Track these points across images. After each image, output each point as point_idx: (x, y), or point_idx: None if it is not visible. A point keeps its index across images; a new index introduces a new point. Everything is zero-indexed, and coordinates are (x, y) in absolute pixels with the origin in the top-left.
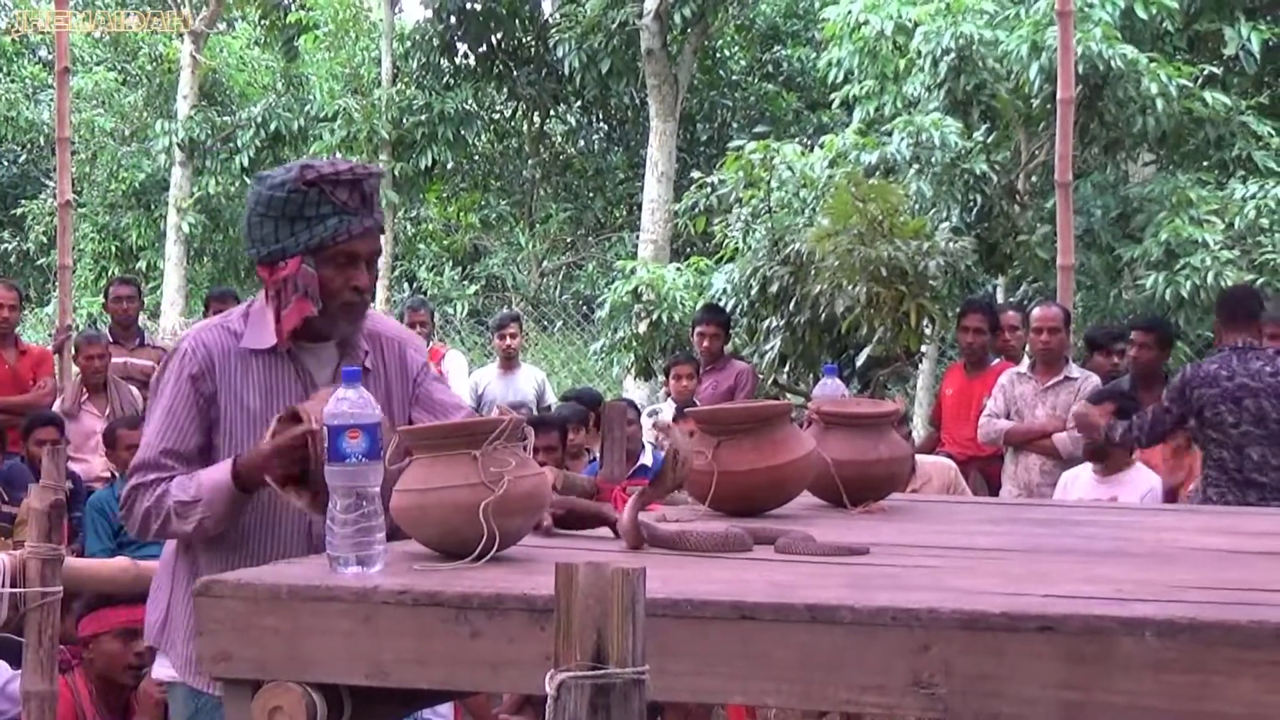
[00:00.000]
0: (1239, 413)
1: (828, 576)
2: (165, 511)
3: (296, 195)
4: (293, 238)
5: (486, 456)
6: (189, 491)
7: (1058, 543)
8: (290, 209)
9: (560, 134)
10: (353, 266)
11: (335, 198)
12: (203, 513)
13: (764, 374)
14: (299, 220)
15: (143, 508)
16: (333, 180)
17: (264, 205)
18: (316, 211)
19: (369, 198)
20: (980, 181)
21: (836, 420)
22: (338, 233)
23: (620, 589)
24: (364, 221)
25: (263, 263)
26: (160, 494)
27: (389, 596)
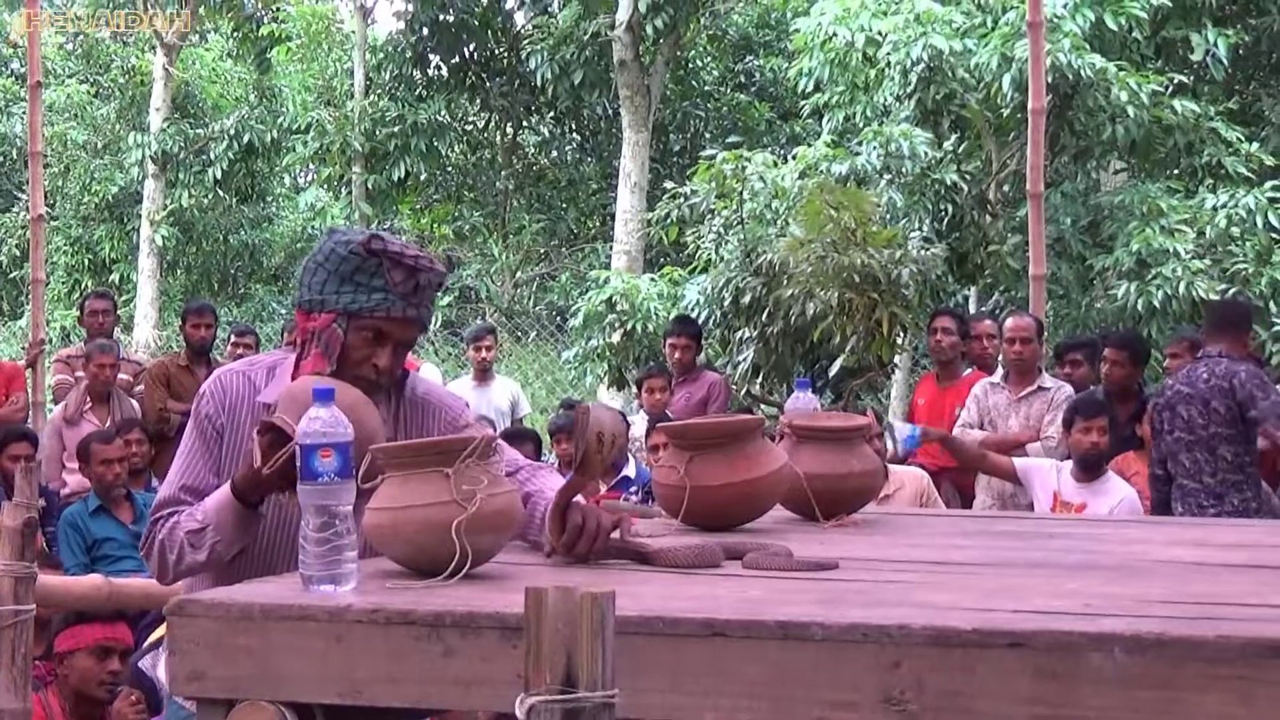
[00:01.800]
0: (1173, 419)
1: (799, 592)
2: (179, 543)
3: (354, 258)
4: (335, 294)
5: (459, 474)
6: (196, 519)
7: (1029, 556)
8: (345, 268)
9: (533, 145)
10: (379, 344)
11: (390, 275)
12: (213, 537)
13: (737, 385)
14: (348, 282)
15: (158, 542)
16: (395, 258)
17: (324, 255)
18: (368, 281)
19: (422, 290)
20: (951, 191)
21: (809, 434)
22: (377, 307)
23: (589, 612)
24: (406, 309)
25: (302, 308)
26: (172, 525)
27: (362, 615)
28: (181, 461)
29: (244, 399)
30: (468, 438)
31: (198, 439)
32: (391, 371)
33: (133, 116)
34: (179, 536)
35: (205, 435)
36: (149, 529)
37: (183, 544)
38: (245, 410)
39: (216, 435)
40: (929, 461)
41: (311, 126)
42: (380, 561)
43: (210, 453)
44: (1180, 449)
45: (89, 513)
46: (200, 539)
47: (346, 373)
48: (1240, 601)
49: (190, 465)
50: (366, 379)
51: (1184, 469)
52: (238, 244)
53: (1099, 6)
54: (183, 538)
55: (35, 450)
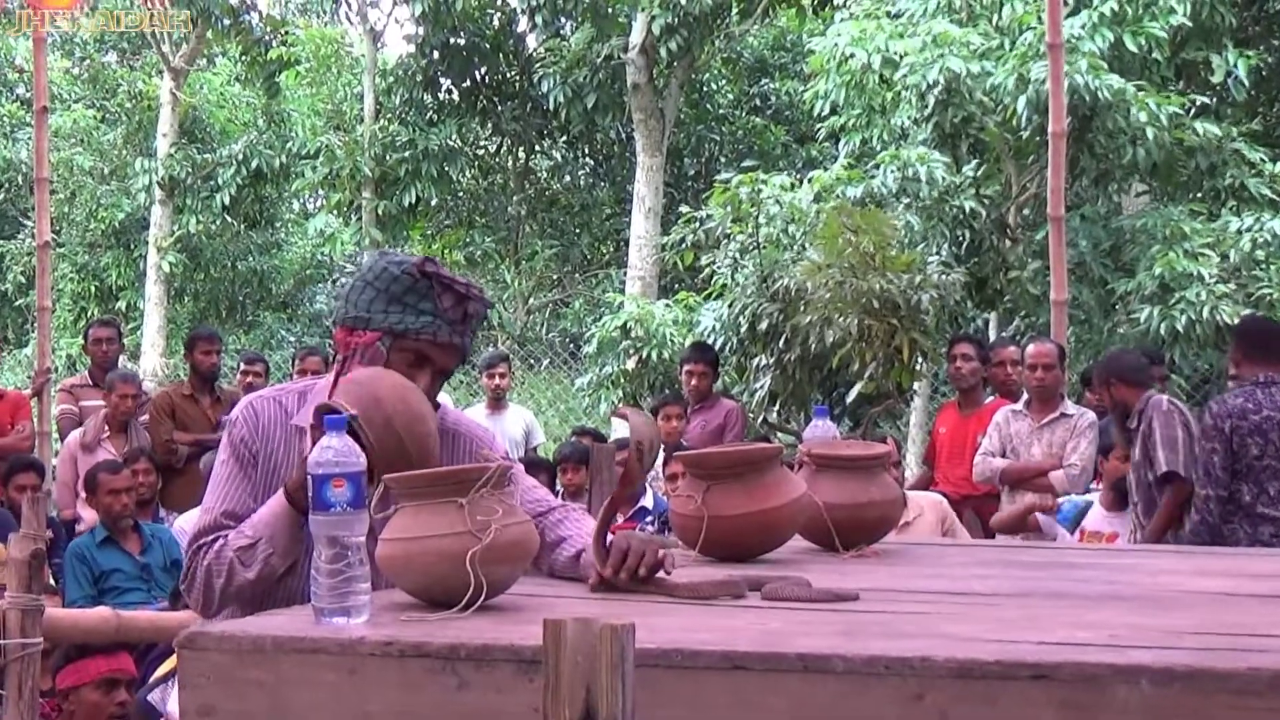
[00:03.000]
0: (1264, 445)
1: (819, 624)
2: (227, 564)
3: (406, 278)
4: (383, 313)
5: (473, 504)
6: (245, 535)
7: (1052, 587)
8: (395, 288)
9: (545, 170)
10: (420, 368)
11: (440, 300)
12: (265, 550)
13: (754, 413)
14: (396, 302)
15: (204, 567)
16: (446, 283)
17: (374, 274)
18: (416, 302)
19: (469, 318)
20: (970, 216)
21: (828, 463)
22: (424, 330)
23: (609, 645)
24: (452, 335)
25: (344, 324)
26: (219, 548)
27: (374, 648)
28: (219, 489)
29: (277, 423)
30: (482, 466)
31: (234, 463)
32: (431, 397)
33: (140, 142)
34: (227, 556)
35: (241, 459)
36: (189, 559)
37: (232, 563)
38: (279, 435)
39: (252, 459)
40: (951, 490)
41: (321, 151)
42: (393, 593)
43: (248, 476)
44: (1269, 477)
45: (96, 544)
46: (251, 555)
47: None
48: (1271, 633)
49: (229, 491)
50: None
51: (1269, 497)
52: (246, 270)
53: (1118, 27)
54: (231, 557)
55: (42, 480)
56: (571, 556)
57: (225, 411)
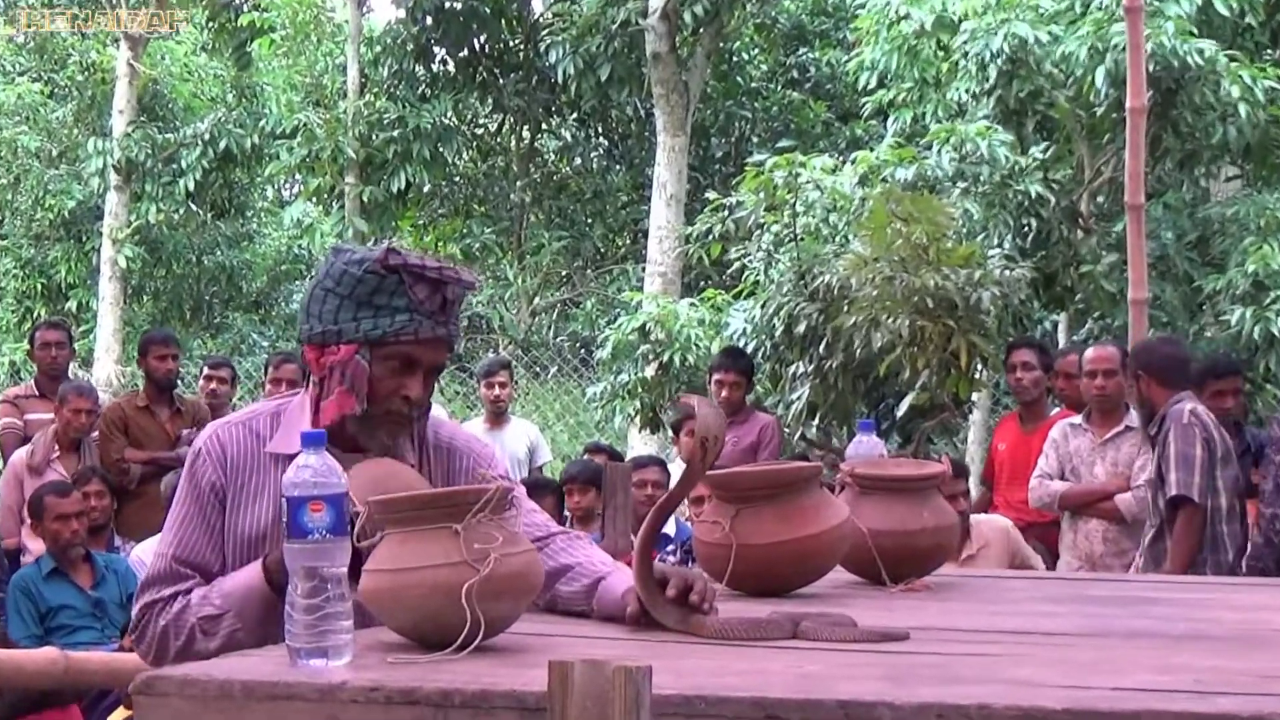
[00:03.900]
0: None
1: (863, 667)
2: (188, 629)
3: (371, 278)
4: (354, 322)
5: (470, 531)
6: (213, 603)
7: (1128, 625)
8: (361, 291)
9: (553, 151)
10: (409, 372)
11: (413, 292)
12: (231, 625)
13: (790, 427)
14: (366, 306)
15: (159, 627)
16: (416, 273)
17: (333, 279)
18: (388, 301)
19: (449, 305)
20: (1036, 203)
21: (874, 484)
22: (403, 330)
23: (622, 690)
24: (435, 328)
25: (312, 342)
26: (180, 610)
27: (358, 693)
28: (174, 530)
29: (248, 453)
30: (479, 488)
31: (192, 505)
32: (424, 403)
33: (93, 120)
34: (188, 622)
35: (202, 502)
36: (141, 611)
37: (193, 630)
38: (251, 467)
39: (217, 504)
40: (1013, 515)
41: (298, 131)
42: (379, 632)
43: (207, 522)
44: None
45: (42, 576)
46: (215, 626)
47: (376, 409)
48: None
49: (184, 536)
50: (398, 414)
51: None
52: (213, 266)
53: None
54: (193, 624)
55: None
56: (585, 587)
57: (186, 425)
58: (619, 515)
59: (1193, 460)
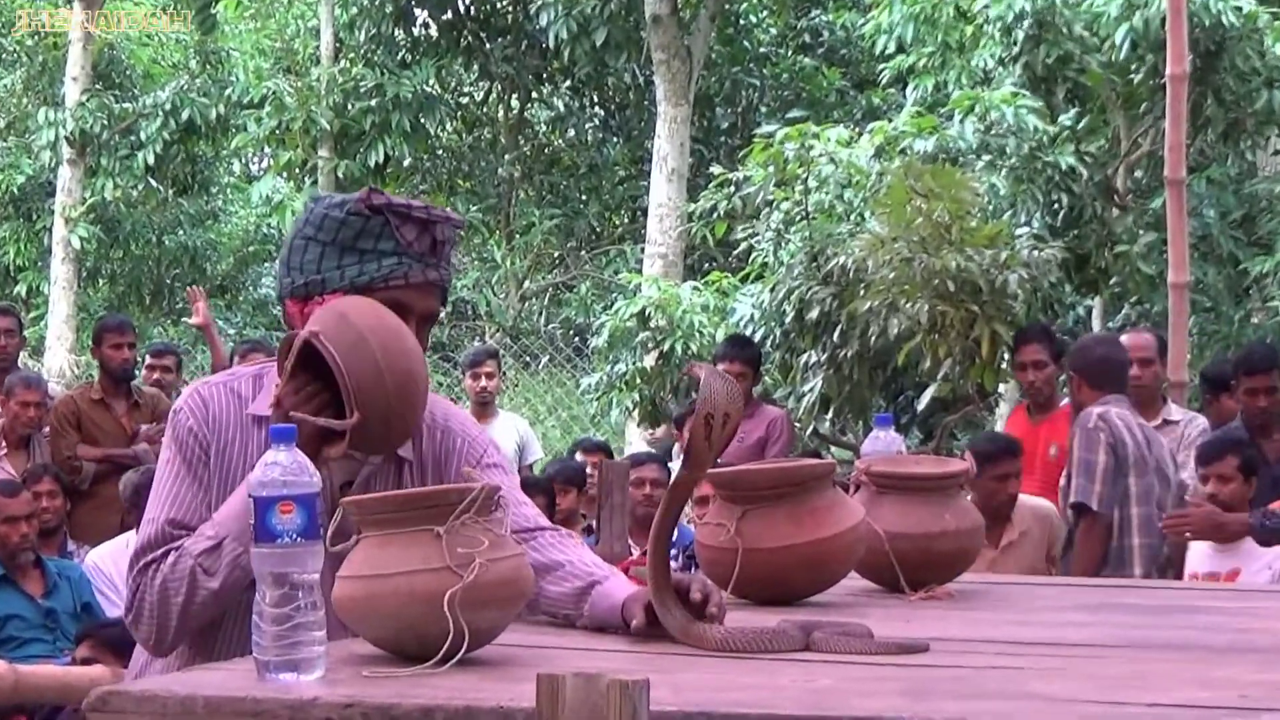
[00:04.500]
0: None
1: (879, 681)
2: (187, 574)
3: (355, 220)
4: (338, 270)
5: (453, 534)
6: (207, 535)
7: (1167, 636)
8: (344, 235)
9: (545, 122)
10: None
11: (400, 234)
12: (233, 549)
13: (801, 422)
14: (350, 251)
15: (156, 589)
16: (402, 213)
17: (314, 226)
18: (374, 245)
19: (439, 247)
20: (1067, 178)
21: (892, 483)
22: (392, 274)
23: (618, 706)
24: (427, 272)
25: (295, 296)
26: (176, 559)
27: (332, 710)
28: (163, 492)
29: (230, 412)
30: (463, 487)
31: (179, 462)
32: None
33: (44, 88)
34: (186, 566)
35: (189, 456)
36: (135, 580)
37: (193, 572)
38: (234, 427)
39: (202, 455)
40: None
41: (267, 100)
42: (354, 643)
43: (197, 478)
44: None
45: None
46: (215, 558)
47: None
48: None
49: (176, 494)
50: None
51: None
52: (174, 247)
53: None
54: (191, 565)
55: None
56: (576, 590)
57: (145, 420)
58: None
59: (1094, 467)
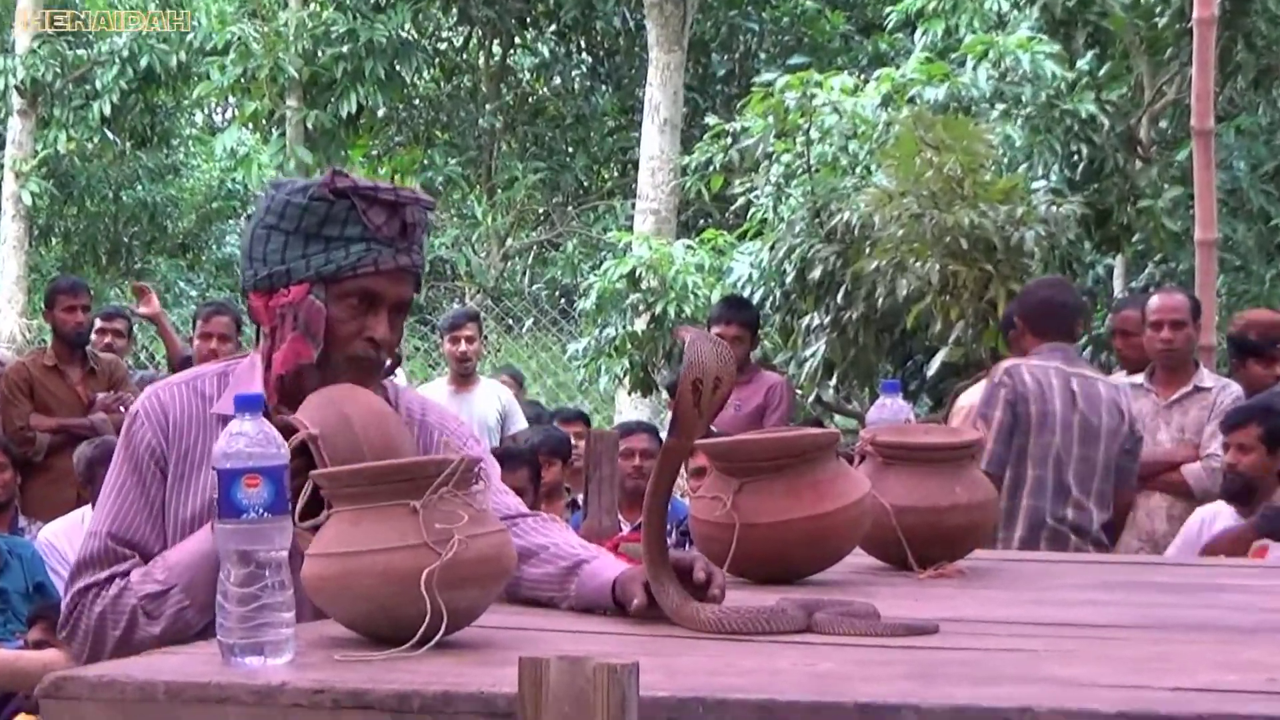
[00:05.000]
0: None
1: (886, 664)
2: (127, 613)
3: (319, 205)
4: (303, 259)
5: (430, 509)
6: (156, 579)
7: (1192, 616)
8: (308, 222)
9: (528, 69)
10: (371, 311)
11: (368, 219)
12: (178, 602)
13: (803, 389)
14: (316, 239)
15: (95, 615)
16: (368, 196)
17: (275, 214)
18: (340, 231)
19: (410, 230)
20: (1087, 128)
21: (899, 454)
22: (361, 262)
23: (605, 691)
24: (398, 257)
25: (258, 289)
26: (118, 593)
27: (301, 696)
28: (109, 506)
29: (192, 416)
30: (441, 459)
31: (129, 475)
32: (392, 344)
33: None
34: (128, 605)
35: (141, 470)
36: (72, 602)
37: (134, 613)
38: (196, 430)
39: (157, 472)
40: None
41: (231, 46)
42: (325, 625)
43: (147, 494)
44: None
45: None
46: (160, 605)
47: (336, 355)
48: None
49: (120, 510)
50: (363, 359)
51: None
52: (133, 203)
53: None
54: (134, 605)
55: None
56: (561, 570)
57: (101, 387)
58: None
59: (989, 423)
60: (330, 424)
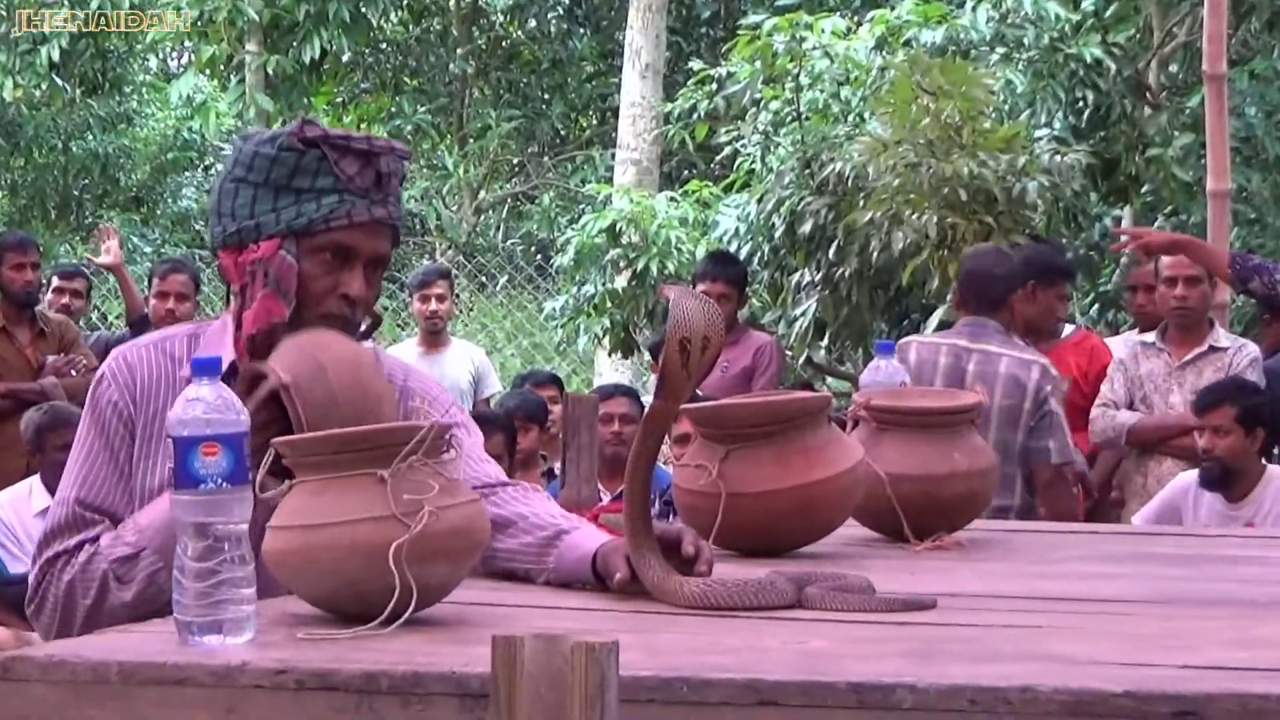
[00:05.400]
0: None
1: (880, 642)
2: (98, 579)
3: (288, 156)
4: (273, 213)
5: (399, 478)
6: (126, 541)
7: (1204, 590)
8: (278, 174)
9: (501, 11)
10: (346, 266)
11: (340, 169)
12: (150, 564)
13: (793, 350)
14: (286, 191)
15: (64, 585)
16: (340, 145)
17: (244, 166)
18: (311, 183)
19: (384, 181)
20: (1093, 72)
21: (895, 419)
22: (334, 214)
23: (583, 671)
24: (372, 209)
25: (227, 246)
26: (87, 559)
27: (262, 677)
28: (76, 470)
29: (161, 378)
30: (410, 425)
31: (96, 437)
32: (368, 302)
33: None
34: (98, 569)
35: (109, 433)
36: (40, 570)
37: (105, 578)
38: (165, 393)
39: (125, 432)
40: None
41: None
42: (288, 602)
43: (115, 458)
44: None
45: None
46: (131, 569)
47: (309, 313)
48: None
49: (88, 476)
50: (337, 317)
51: None
52: (84, 154)
53: None
54: (105, 570)
55: None
56: (539, 541)
57: (51, 350)
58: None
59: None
60: (303, 371)
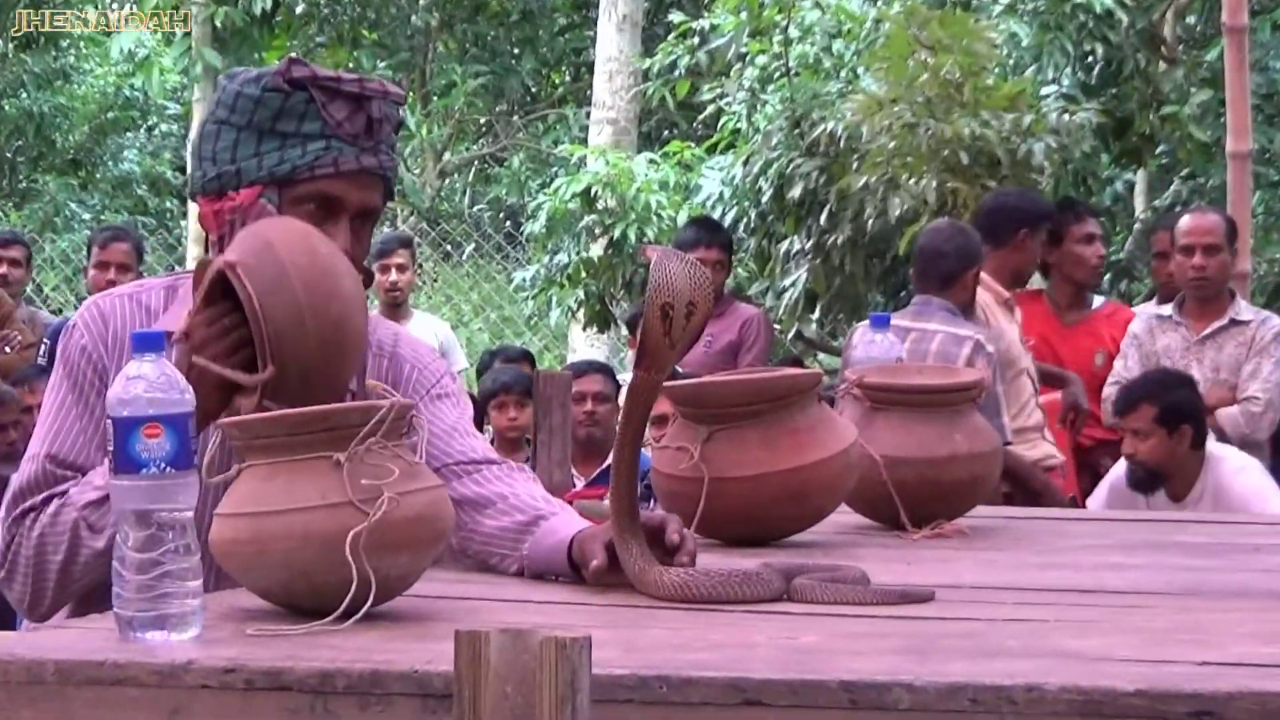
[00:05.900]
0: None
1: (875, 637)
2: (68, 530)
3: (273, 97)
4: (255, 158)
5: (356, 462)
6: (94, 485)
7: (1223, 581)
8: (261, 116)
9: None
10: (331, 218)
11: (328, 113)
12: None
13: (782, 324)
14: (270, 135)
15: (33, 542)
16: (329, 88)
17: (226, 108)
18: (297, 127)
19: (376, 126)
20: (1103, 24)
21: (890, 397)
22: (319, 161)
23: (553, 668)
24: (362, 157)
25: (206, 192)
26: (58, 509)
27: (209, 676)
28: (46, 426)
29: (135, 327)
30: (368, 405)
31: (68, 391)
32: (356, 258)
33: None
34: (68, 520)
35: (81, 384)
36: (9, 530)
37: (76, 527)
38: None
39: (98, 382)
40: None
41: None
42: (237, 595)
43: (89, 409)
44: None
45: None
46: (102, 514)
47: None
48: None
49: (60, 430)
50: None
51: None
52: (17, 113)
53: None
54: (75, 519)
55: None
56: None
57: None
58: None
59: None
60: (248, 249)
